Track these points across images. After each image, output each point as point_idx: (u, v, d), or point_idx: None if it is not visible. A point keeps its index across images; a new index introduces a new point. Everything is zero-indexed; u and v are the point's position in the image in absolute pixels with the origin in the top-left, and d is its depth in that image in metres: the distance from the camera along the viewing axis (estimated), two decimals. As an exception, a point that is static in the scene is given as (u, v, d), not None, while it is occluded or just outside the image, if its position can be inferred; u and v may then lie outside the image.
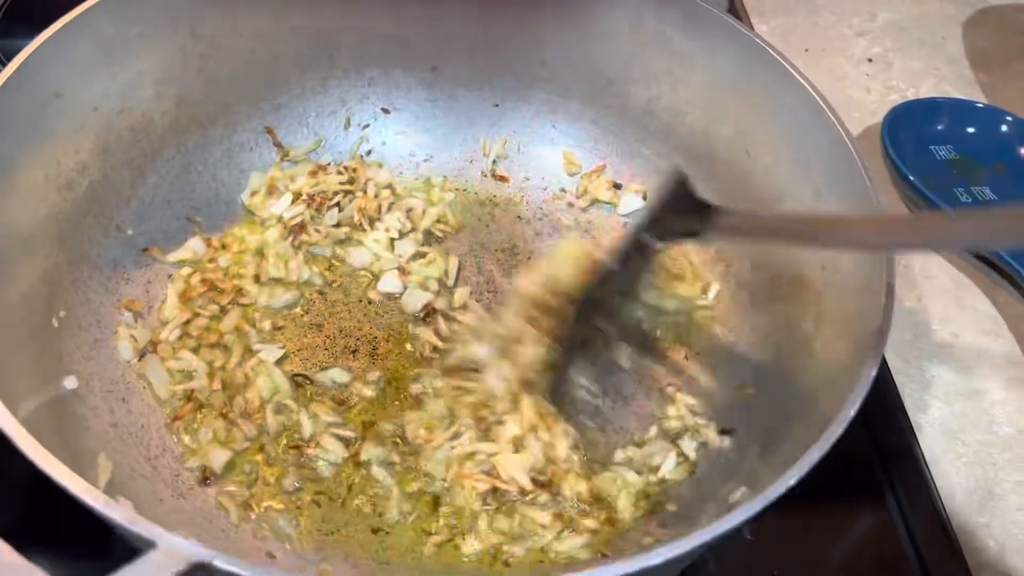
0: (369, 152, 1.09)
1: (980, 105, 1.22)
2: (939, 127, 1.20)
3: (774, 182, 0.91)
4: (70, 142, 0.83)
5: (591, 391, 0.90)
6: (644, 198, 1.06)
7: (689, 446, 0.85)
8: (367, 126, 1.09)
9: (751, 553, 0.81)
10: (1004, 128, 1.19)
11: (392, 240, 1.01)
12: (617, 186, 1.07)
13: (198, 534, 0.76)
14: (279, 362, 0.90)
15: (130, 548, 0.52)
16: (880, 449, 0.91)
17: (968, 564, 0.81)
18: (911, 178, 1.09)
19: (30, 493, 0.80)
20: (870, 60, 1.32)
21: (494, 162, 1.10)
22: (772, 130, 0.91)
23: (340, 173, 1.04)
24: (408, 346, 0.93)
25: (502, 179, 1.09)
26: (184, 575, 0.50)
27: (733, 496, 0.73)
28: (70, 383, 0.78)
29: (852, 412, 0.63)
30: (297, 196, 1.02)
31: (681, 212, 0.78)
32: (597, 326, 0.91)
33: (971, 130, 1.20)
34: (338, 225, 1.01)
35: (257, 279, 0.96)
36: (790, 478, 0.59)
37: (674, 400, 0.89)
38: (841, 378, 0.70)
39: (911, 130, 1.17)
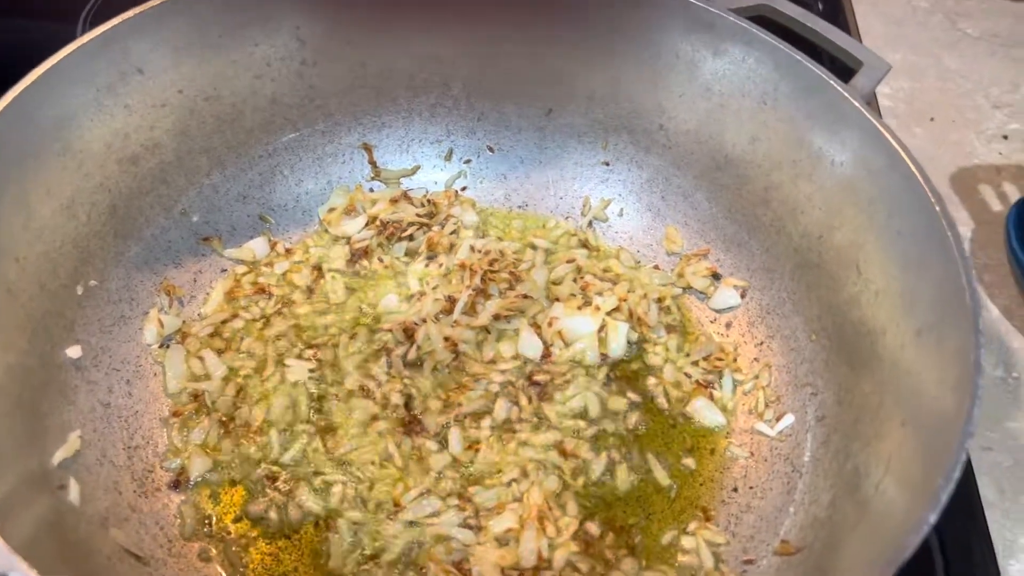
0: (464, 189, 1.03)
1: None
2: None
3: (880, 311, 0.76)
4: (145, 118, 0.84)
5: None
6: (742, 296, 0.93)
7: (696, 591, 0.71)
8: (468, 161, 1.04)
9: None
10: None
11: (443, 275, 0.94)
12: (716, 276, 0.95)
13: (141, 538, 0.72)
14: (304, 383, 0.84)
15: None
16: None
17: None
18: None
19: None
20: (1005, 137, 1.14)
21: (590, 224, 1.01)
22: (889, 251, 0.76)
23: (422, 205, 0.99)
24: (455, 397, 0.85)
25: (587, 248, 0.99)
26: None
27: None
28: (73, 352, 0.77)
29: None
30: (372, 220, 0.97)
31: None
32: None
33: None
34: (405, 255, 0.96)
35: (309, 293, 0.93)
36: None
37: (693, 534, 0.76)
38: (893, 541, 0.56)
39: None
